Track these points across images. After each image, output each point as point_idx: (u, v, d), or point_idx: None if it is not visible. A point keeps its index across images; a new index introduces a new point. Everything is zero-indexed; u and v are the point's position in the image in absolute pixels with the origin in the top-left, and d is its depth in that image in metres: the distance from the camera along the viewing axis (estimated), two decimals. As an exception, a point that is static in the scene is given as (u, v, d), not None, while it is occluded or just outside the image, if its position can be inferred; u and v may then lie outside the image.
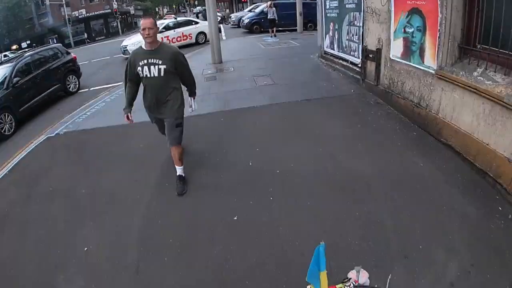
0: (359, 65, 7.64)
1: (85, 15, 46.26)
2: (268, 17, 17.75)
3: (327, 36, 9.61)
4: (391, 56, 6.19)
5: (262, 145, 4.98)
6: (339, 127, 5.50)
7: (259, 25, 21.36)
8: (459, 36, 4.48)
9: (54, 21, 44.30)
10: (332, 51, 9.38)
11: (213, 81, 8.85)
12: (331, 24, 9.19)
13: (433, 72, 4.83)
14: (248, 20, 21.92)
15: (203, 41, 17.86)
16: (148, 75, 3.80)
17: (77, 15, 45.41)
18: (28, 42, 41.77)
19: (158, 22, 16.30)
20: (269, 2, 18.41)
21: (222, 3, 51.10)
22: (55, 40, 43.63)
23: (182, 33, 17.69)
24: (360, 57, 7.55)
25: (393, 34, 6.04)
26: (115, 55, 18.76)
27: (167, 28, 17.15)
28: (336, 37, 8.93)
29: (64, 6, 40.82)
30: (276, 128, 5.57)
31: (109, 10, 46.82)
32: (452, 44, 4.54)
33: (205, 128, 5.89)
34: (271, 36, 17.52)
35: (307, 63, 10.04)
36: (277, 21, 17.93)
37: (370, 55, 6.93)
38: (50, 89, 10.13)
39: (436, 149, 4.51)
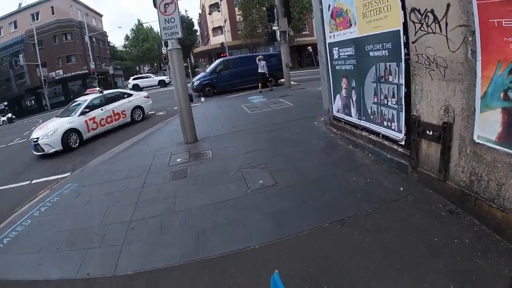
0: (403, 144, 5.00)
1: (62, 76, 45.20)
2: (258, 71, 16.71)
3: (338, 96, 7.07)
4: (475, 137, 3.57)
5: None
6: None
7: (211, 87, 19.05)
8: None
9: (31, 82, 43.56)
10: (348, 118, 6.77)
11: (182, 180, 5.95)
12: (344, 80, 6.68)
13: None
14: (199, 82, 19.35)
15: (141, 117, 14.14)
16: None
17: (54, 76, 44.34)
18: (5, 103, 41.09)
19: (80, 99, 13.23)
20: (259, 56, 17.45)
21: (202, 59, 50.21)
22: (33, 101, 42.44)
23: (113, 111, 12.85)
24: (404, 132, 4.94)
25: (481, 102, 3.44)
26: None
27: (91, 107, 12.18)
28: (354, 98, 6.38)
29: (40, 67, 39.56)
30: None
31: (87, 71, 45.45)
32: None
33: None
34: (260, 92, 16.04)
35: (314, 136, 7.34)
36: (267, 75, 17.01)
37: (429, 132, 4.28)
38: None
39: None
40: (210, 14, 48.99)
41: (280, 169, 5.63)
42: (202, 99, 17.65)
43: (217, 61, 20.41)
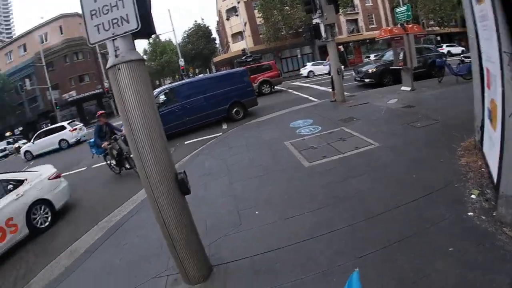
0: None
1: (75, 97, 42.91)
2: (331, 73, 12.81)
3: None
4: None
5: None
6: None
7: None
8: None
9: (44, 105, 42.53)
10: None
11: None
12: None
13: None
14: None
15: (49, 220, 6.90)
16: None
17: (67, 97, 42.43)
18: (21, 128, 41.08)
19: None
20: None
21: (224, 68, 45.93)
22: (49, 125, 40.74)
23: None
24: None
25: None
26: (94, 164, 11.59)
27: None
28: None
29: (50, 90, 37.18)
30: None
31: (101, 90, 42.94)
32: None
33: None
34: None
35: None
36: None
37: None
38: None
39: None
40: (227, 19, 45.03)
41: None
42: (224, 126, 12.97)
43: (155, 92, 13.74)
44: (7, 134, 38.86)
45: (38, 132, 22.46)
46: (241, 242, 4.14)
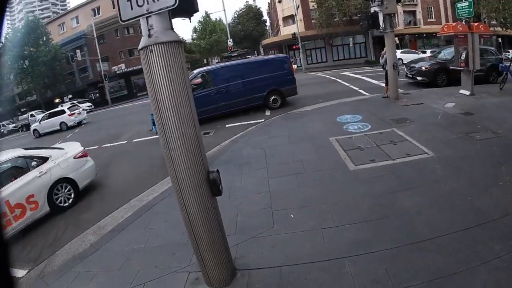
0: None
1: (124, 70, 43.93)
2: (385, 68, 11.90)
3: None
4: None
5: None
6: None
7: None
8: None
9: (94, 76, 43.83)
10: None
11: None
12: None
13: None
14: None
15: (71, 199, 6.76)
16: None
17: (116, 70, 43.65)
18: (70, 96, 42.17)
19: None
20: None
21: (272, 51, 45.18)
22: (97, 95, 44.40)
23: (8, 202, 5.57)
24: None
25: None
26: (138, 137, 11.98)
27: None
28: None
29: (100, 61, 39.05)
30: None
31: None
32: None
33: None
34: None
35: None
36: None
37: None
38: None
39: None
40: (279, 2, 43.85)
41: None
42: (267, 112, 12.44)
43: (192, 74, 13.37)
44: (57, 100, 40.64)
45: (44, 114, 24.70)
46: (271, 247, 3.83)
